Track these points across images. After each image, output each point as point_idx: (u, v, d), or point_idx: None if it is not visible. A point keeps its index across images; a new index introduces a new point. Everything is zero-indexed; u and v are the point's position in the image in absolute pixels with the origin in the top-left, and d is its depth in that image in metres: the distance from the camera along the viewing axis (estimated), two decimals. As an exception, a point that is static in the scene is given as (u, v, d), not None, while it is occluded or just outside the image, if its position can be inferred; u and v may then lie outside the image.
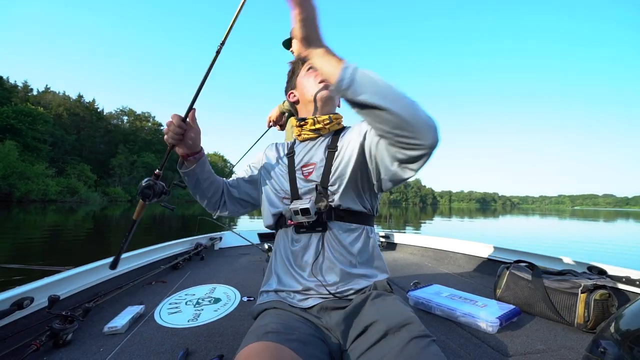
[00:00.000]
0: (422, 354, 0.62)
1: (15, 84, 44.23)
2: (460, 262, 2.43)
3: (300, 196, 0.90)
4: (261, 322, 0.75)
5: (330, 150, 0.92)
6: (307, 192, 0.90)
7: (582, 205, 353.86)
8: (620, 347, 0.62)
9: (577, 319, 1.25)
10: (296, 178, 0.93)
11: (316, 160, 0.93)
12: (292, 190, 0.92)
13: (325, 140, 0.96)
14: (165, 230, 10.02)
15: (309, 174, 0.92)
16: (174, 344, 1.09)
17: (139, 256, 1.90)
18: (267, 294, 0.91)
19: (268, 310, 0.83)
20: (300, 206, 0.82)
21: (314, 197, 0.88)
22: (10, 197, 28.98)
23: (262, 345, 0.64)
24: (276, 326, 0.71)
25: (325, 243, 0.86)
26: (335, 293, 0.82)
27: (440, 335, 1.21)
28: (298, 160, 0.96)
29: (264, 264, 2.32)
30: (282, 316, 0.77)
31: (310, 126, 0.97)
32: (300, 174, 0.93)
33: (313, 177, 0.91)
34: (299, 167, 0.95)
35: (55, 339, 1.05)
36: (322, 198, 0.85)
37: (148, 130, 66.58)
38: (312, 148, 0.97)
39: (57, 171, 38.90)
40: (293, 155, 0.99)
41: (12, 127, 34.15)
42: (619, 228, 17.50)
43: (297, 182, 0.92)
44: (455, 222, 18.76)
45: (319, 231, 0.86)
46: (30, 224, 10.59)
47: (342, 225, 0.87)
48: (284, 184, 0.95)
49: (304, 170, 0.94)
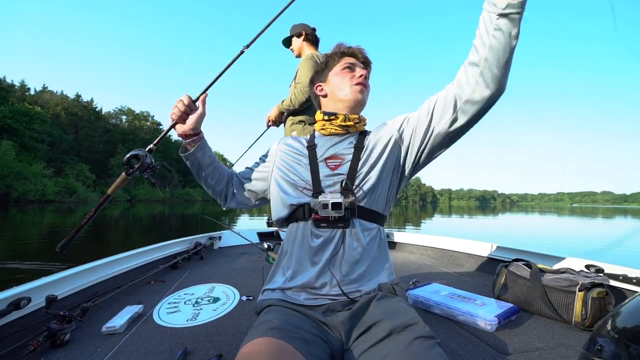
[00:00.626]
0: (425, 353, 0.61)
1: (12, 84, 44.00)
2: (459, 261, 2.44)
3: (322, 188, 0.89)
4: (265, 318, 0.75)
5: (358, 148, 0.92)
6: (331, 184, 0.89)
7: (580, 202, 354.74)
8: (617, 344, 0.62)
9: (575, 317, 1.26)
10: (319, 170, 0.91)
11: (344, 154, 0.93)
12: (314, 181, 0.90)
13: (351, 137, 0.98)
14: (164, 229, 10.02)
15: (335, 166, 0.91)
16: (173, 343, 1.09)
17: (137, 255, 1.89)
18: (272, 292, 0.89)
19: (272, 306, 0.82)
20: (332, 200, 0.80)
21: (339, 190, 0.87)
22: (7, 198, 28.88)
23: (265, 340, 0.63)
24: (280, 323, 0.71)
25: (346, 239, 0.85)
26: (348, 293, 0.82)
27: (439, 334, 1.21)
28: (321, 153, 0.95)
29: (263, 263, 2.31)
30: (286, 313, 0.77)
31: (340, 122, 0.96)
32: (325, 166, 0.92)
33: (341, 170, 0.90)
34: (322, 159, 0.94)
35: (53, 339, 1.04)
36: (349, 194, 0.84)
37: (147, 129, 66.46)
38: (337, 143, 0.97)
39: (55, 171, 38.79)
40: (315, 147, 0.98)
41: (9, 127, 34.02)
42: (617, 225, 17.57)
43: (319, 174, 0.91)
44: (455, 220, 18.80)
45: (340, 227, 0.85)
46: (28, 224, 10.57)
47: (363, 224, 0.87)
48: (304, 174, 0.93)
49: (329, 162, 0.93)
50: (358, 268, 0.84)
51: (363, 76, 0.98)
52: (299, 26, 2.34)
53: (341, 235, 0.85)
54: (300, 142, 1.04)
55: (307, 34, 2.32)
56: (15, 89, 44.64)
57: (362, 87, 0.98)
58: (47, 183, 33.62)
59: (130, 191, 51.53)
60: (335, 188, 0.88)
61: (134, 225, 11.44)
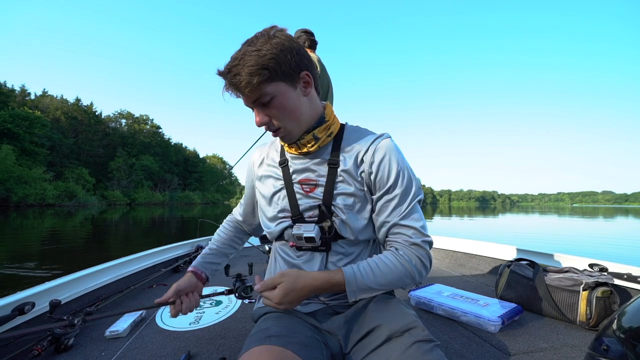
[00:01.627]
0: (424, 358, 0.61)
1: (12, 88, 44.05)
2: (461, 261, 2.43)
3: (301, 213, 0.81)
4: (263, 326, 0.74)
5: (332, 167, 0.79)
6: (309, 209, 0.80)
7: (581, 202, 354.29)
8: (623, 344, 0.62)
9: (580, 316, 1.25)
10: (294, 192, 0.82)
11: (316, 176, 0.80)
12: (291, 206, 0.82)
13: (323, 152, 0.81)
14: (165, 233, 10.00)
15: (310, 189, 0.81)
16: (176, 347, 1.09)
17: (139, 259, 1.89)
18: None
19: (269, 313, 0.82)
20: (305, 234, 0.76)
21: (317, 215, 0.80)
22: (7, 202, 28.84)
23: (263, 349, 0.63)
24: (278, 329, 0.70)
25: (328, 261, 0.81)
26: (335, 305, 0.81)
27: (442, 334, 1.21)
28: (294, 173, 0.83)
29: (265, 265, 2.31)
30: (283, 319, 0.77)
31: (295, 151, 0.81)
32: (300, 189, 0.82)
33: (316, 194, 0.80)
34: (296, 180, 0.82)
35: (57, 344, 1.04)
36: (326, 218, 0.78)
37: (146, 133, 66.50)
38: (309, 161, 0.82)
39: (55, 175, 38.81)
40: (286, 164, 0.85)
41: (9, 131, 34.02)
42: (618, 225, 17.55)
43: (296, 197, 0.81)
44: (455, 221, 18.77)
45: (321, 250, 0.80)
46: (29, 228, 10.56)
47: (345, 247, 0.82)
48: (280, 200, 0.84)
49: (304, 186, 0.81)
50: None
51: (257, 121, 0.75)
52: (298, 32, 2.42)
53: (323, 257, 0.81)
54: (277, 152, 0.90)
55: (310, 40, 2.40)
56: (15, 93, 44.71)
57: (272, 134, 0.78)
58: (47, 187, 33.59)
59: (130, 194, 51.58)
60: (314, 212, 0.80)
61: (134, 229, 11.43)
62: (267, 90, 0.69)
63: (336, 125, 0.82)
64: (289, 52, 0.70)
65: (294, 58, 0.71)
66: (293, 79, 0.72)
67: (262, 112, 0.74)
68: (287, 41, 0.70)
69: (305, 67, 0.74)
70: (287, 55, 0.69)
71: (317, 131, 0.78)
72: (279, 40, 0.69)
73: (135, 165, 55.64)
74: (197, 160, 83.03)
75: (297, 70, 0.72)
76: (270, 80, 0.69)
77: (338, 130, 0.83)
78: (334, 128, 0.81)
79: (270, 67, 0.67)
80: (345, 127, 0.85)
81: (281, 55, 0.68)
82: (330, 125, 0.80)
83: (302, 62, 0.73)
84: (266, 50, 0.67)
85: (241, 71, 0.67)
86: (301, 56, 0.73)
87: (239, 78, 0.67)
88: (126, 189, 52.50)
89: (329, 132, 0.80)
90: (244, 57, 0.67)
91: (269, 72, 0.67)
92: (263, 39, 0.68)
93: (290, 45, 0.70)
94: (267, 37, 0.69)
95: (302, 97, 0.75)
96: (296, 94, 0.74)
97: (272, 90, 0.70)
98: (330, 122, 0.80)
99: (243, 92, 0.69)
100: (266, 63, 0.67)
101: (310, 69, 0.75)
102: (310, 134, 0.78)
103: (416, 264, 0.73)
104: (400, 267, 0.72)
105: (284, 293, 0.67)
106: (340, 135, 0.83)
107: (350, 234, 0.79)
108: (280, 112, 0.73)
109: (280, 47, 0.68)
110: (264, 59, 0.66)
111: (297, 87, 0.74)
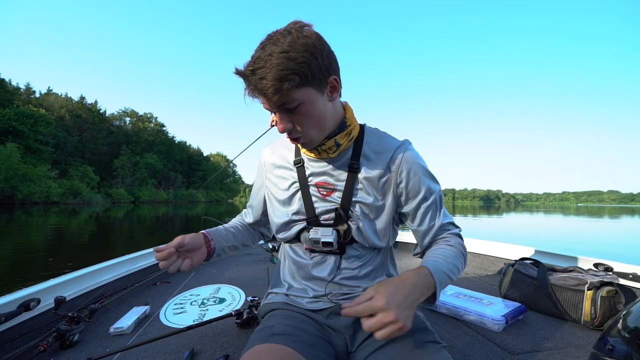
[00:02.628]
0: (431, 359, 0.61)
1: (17, 87, 44.48)
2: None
3: (317, 216, 0.79)
4: (268, 323, 0.74)
5: (352, 171, 0.77)
6: (325, 212, 0.79)
7: (586, 201, 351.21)
8: (628, 344, 0.61)
9: (584, 316, 1.24)
10: (310, 195, 0.80)
11: (335, 181, 0.78)
12: (307, 208, 0.80)
13: (343, 156, 0.79)
14: (169, 230, 10.07)
15: (327, 193, 0.79)
16: (180, 344, 1.10)
17: (143, 257, 1.91)
18: (276, 295, 0.88)
19: (275, 310, 0.82)
20: (323, 239, 0.75)
21: (333, 218, 0.78)
22: (12, 200, 29.15)
23: (267, 347, 0.63)
24: (283, 328, 0.70)
25: (342, 264, 0.81)
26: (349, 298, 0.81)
27: (446, 333, 1.20)
28: (311, 176, 0.81)
29: (268, 263, 2.32)
30: (289, 317, 0.77)
31: (314, 155, 0.78)
32: (316, 192, 0.79)
33: (333, 198, 0.78)
34: (312, 183, 0.80)
35: (62, 340, 1.06)
36: (343, 222, 0.77)
37: (151, 131, 66.92)
38: (327, 165, 0.79)
39: (60, 173, 39.18)
40: (302, 164, 0.82)
41: (14, 129, 34.38)
42: (624, 224, 17.37)
43: (312, 199, 0.79)
44: (459, 220, 18.67)
45: (336, 253, 0.80)
46: (33, 226, 10.67)
47: (359, 250, 0.81)
48: (295, 202, 0.81)
49: (321, 189, 0.79)
50: (357, 284, 0.81)
51: (281, 128, 0.69)
52: None
53: (336, 259, 0.81)
54: (290, 151, 0.87)
55: None
56: (20, 91, 45.13)
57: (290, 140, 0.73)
58: (52, 185, 33.93)
59: (134, 192, 51.94)
60: (330, 215, 0.79)
61: (138, 227, 11.51)
62: (295, 97, 0.63)
63: (356, 129, 0.79)
64: (320, 55, 0.63)
65: (324, 61, 0.64)
66: (321, 84, 0.66)
67: (286, 117, 0.67)
68: (317, 42, 0.63)
69: (334, 71, 0.68)
70: (317, 58, 0.63)
71: (339, 137, 0.74)
72: (309, 40, 0.62)
73: (139, 164, 56.08)
74: (201, 159, 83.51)
75: (326, 74, 0.66)
76: (299, 86, 0.62)
77: (358, 133, 0.80)
78: (355, 132, 0.78)
79: (301, 72, 0.61)
80: (364, 129, 0.82)
81: (312, 59, 0.62)
82: (352, 130, 0.77)
83: (332, 66, 0.68)
84: (296, 53, 0.60)
85: (267, 75, 0.59)
86: (331, 59, 0.67)
87: (265, 82, 0.60)
88: (130, 187, 52.95)
89: (350, 137, 0.76)
90: (270, 59, 0.59)
91: (299, 78, 0.61)
92: (290, 37, 0.61)
93: (321, 46, 0.64)
94: (294, 35, 0.61)
95: (327, 103, 0.70)
96: (323, 100, 0.68)
97: (300, 97, 0.64)
98: (351, 126, 0.76)
99: (269, 97, 0.62)
100: (297, 68, 0.60)
101: (339, 72, 0.71)
102: (332, 140, 0.74)
103: (463, 250, 0.78)
104: (457, 252, 0.76)
105: (388, 294, 0.57)
106: (361, 139, 0.79)
107: (364, 241, 0.78)
108: (306, 119, 0.67)
109: (312, 50, 0.62)
110: (294, 62, 0.60)
111: (325, 92, 0.68)
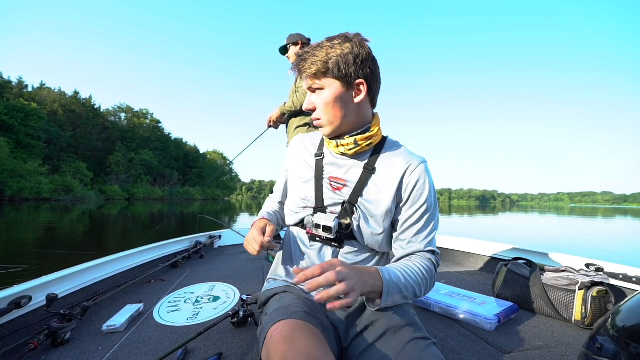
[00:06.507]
0: (421, 354, 0.62)
1: (9, 80, 43.48)
2: (458, 260, 2.44)
3: (324, 206, 0.85)
4: (282, 303, 0.73)
5: (367, 170, 0.83)
6: (333, 204, 0.84)
7: (580, 202, 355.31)
8: (617, 343, 0.63)
9: (575, 315, 1.26)
10: (322, 186, 0.86)
11: (349, 178, 0.84)
12: (316, 197, 0.86)
13: (360, 157, 0.85)
14: (164, 228, 10.00)
15: (338, 188, 0.84)
16: (173, 342, 1.09)
17: (137, 254, 1.89)
18: (276, 281, 0.90)
19: (281, 294, 0.81)
20: (324, 223, 0.79)
21: (338, 211, 0.83)
22: (1, 196, 28.50)
23: (295, 322, 0.63)
24: (301, 306, 0.70)
25: (339, 258, 0.83)
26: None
27: (439, 332, 1.21)
28: (327, 169, 0.87)
29: (263, 262, 2.32)
30: (301, 299, 0.77)
31: (334, 147, 0.85)
32: (328, 184, 0.85)
33: (342, 193, 0.84)
34: (327, 176, 0.86)
35: (54, 338, 1.04)
36: (346, 216, 0.81)
37: (146, 127, 66.15)
38: (345, 162, 0.86)
39: (52, 169, 38.52)
40: (322, 158, 0.89)
41: (4, 124, 33.47)
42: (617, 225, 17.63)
43: (323, 191, 0.85)
44: (455, 220, 18.82)
45: (334, 246, 0.84)
46: (24, 222, 10.52)
47: (356, 246, 0.84)
48: (308, 190, 0.88)
49: (333, 182, 0.85)
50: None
51: (305, 105, 0.82)
52: (295, 36, 2.48)
53: (334, 252, 0.84)
54: (314, 145, 0.94)
55: (303, 43, 2.44)
56: (12, 85, 44.20)
57: (313, 118, 0.83)
58: (43, 181, 33.18)
59: (129, 189, 51.43)
60: (337, 208, 0.84)
61: (133, 224, 11.42)
62: (321, 82, 0.77)
63: (378, 138, 0.85)
64: (356, 58, 0.75)
65: (356, 65, 0.75)
66: (349, 82, 0.76)
67: (311, 97, 0.81)
68: (359, 48, 0.75)
69: (365, 77, 0.77)
70: (351, 59, 0.74)
71: (359, 138, 0.81)
72: (352, 44, 0.75)
73: (134, 160, 55.39)
74: (198, 156, 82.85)
75: (355, 76, 0.76)
76: (325, 74, 0.76)
77: (379, 142, 0.87)
78: (375, 140, 0.84)
79: (330, 63, 0.74)
80: (386, 140, 0.89)
81: (345, 58, 0.74)
82: (372, 137, 0.83)
83: (364, 72, 0.77)
84: (336, 49, 0.75)
85: (309, 58, 0.76)
86: (366, 67, 0.77)
87: (304, 63, 0.77)
88: (125, 183, 52.33)
89: (368, 142, 0.83)
90: (317, 48, 0.77)
91: (326, 67, 0.75)
92: (341, 39, 0.76)
93: (360, 52, 0.75)
94: (344, 39, 0.76)
95: (350, 101, 0.78)
96: (346, 96, 0.77)
97: (324, 83, 0.77)
98: (373, 133, 0.83)
99: (302, 75, 0.79)
100: (328, 59, 0.74)
101: (370, 81, 0.79)
102: (352, 138, 0.81)
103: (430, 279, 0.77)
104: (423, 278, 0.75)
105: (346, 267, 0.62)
106: (381, 147, 0.86)
107: (362, 239, 0.82)
108: (323, 104, 0.79)
109: (349, 51, 0.74)
110: (329, 55, 0.75)
111: (350, 91, 0.78)
